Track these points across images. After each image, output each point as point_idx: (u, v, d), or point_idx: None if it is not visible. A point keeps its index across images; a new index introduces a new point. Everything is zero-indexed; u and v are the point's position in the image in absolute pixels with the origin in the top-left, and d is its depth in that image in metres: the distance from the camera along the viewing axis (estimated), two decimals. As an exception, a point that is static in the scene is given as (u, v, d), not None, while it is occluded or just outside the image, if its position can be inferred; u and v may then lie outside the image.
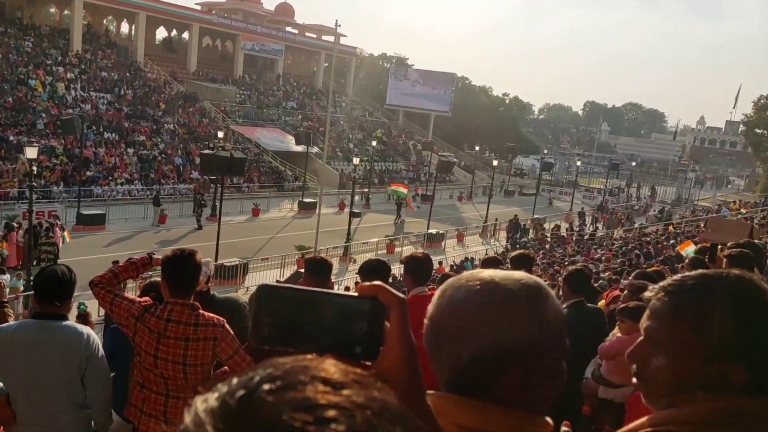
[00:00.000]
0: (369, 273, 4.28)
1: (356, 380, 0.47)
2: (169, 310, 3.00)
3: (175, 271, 3.05)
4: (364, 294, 0.68)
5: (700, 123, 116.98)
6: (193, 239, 23.20)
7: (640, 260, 17.28)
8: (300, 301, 0.66)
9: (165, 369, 3.01)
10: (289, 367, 0.46)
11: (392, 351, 0.68)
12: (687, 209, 43.31)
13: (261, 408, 0.42)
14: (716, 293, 1.00)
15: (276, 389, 0.44)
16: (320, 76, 58.41)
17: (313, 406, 0.42)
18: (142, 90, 40.04)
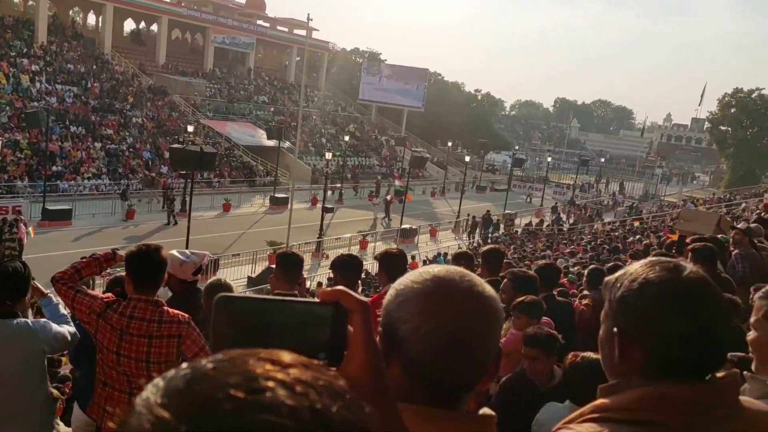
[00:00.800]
0: (341, 268, 4.28)
1: (305, 364, 0.47)
2: (132, 306, 2.95)
3: (139, 267, 3.00)
4: (326, 299, 0.67)
5: (667, 120, 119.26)
6: (162, 235, 22.86)
7: (610, 255, 17.55)
8: (260, 310, 0.65)
9: (128, 366, 2.96)
10: (240, 353, 0.47)
11: (356, 356, 0.67)
12: (654, 204, 44.16)
13: (202, 381, 0.43)
14: (642, 289, 1.07)
15: (220, 366, 0.45)
16: (292, 70, 57.97)
17: (253, 377, 0.43)
18: (110, 83, 39.24)
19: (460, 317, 0.88)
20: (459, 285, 0.90)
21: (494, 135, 68.22)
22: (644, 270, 1.10)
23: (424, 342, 0.86)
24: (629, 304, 1.08)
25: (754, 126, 57.07)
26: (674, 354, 1.04)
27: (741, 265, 5.93)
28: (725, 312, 1.09)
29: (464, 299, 0.89)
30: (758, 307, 1.56)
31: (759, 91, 57.60)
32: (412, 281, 0.92)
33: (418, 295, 0.89)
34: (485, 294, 0.92)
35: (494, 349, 0.92)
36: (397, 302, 0.91)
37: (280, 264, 4.08)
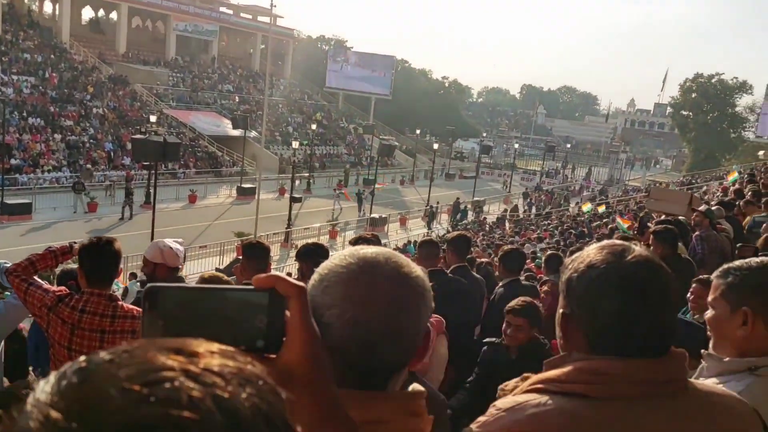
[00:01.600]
0: (306, 257, 4.24)
1: (215, 351, 0.44)
2: (84, 300, 2.86)
3: (91, 260, 2.92)
4: (261, 286, 0.65)
5: (631, 105, 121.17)
6: (125, 228, 22.42)
7: (576, 239, 17.81)
8: (193, 300, 0.64)
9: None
10: (144, 343, 0.44)
11: (294, 342, 0.66)
12: (619, 189, 44.97)
13: (95, 375, 0.40)
14: (585, 272, 1.11)
15: (117, 358, 0.42)
16: (257, 58, 57.21)
17: (151, 368, 0.40)
18: (69, 73, 38.17)
19: (385, 301, 0.85)
20: (384, 267, 0.87)
21: (462, 122, 68.45)
22: (593, 253, 1.13)
23: (349, 328, 0.84)
24: (572, 287, 1.12)
25: (715, 110, 58.43)
26: (612, 336, 1.07)
27: (701, 246, 6.05)
28: (667, 295, 1.10)
29: (390, 282, 0.86)
30: (715, 286, 1.56)
31: (719, 76, 58.95)
32: (337, 264, 0.88)
33: (343, 279, 0.86)
34: (412, 275, 0.89)
35: (422, 331, 0.89)
36: (321, 287, 0.87)
37: (247, 254, 4.06)
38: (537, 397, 1.07)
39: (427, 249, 4.40)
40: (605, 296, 1.07)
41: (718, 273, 1.57)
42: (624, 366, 1.05)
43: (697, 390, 1.10)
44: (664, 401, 1.05)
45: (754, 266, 1.50)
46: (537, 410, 1.05)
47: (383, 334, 0.84)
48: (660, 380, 1.05)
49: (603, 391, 1.04)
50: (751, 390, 1.41)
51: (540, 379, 1.12)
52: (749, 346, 1.47)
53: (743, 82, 58.54)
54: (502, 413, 1.08)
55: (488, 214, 33.69)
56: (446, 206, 33.59)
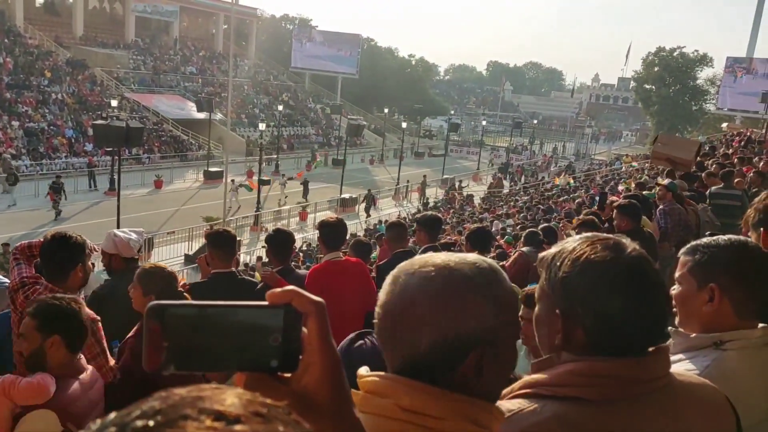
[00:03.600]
0: (275, 245, 4.22)
1: (258, 413, 0.41)
2: (38, 293, 2.81)
3: (47, 255, 2.91)
4: (276, 302, 0.61)
5: (595, 80, 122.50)
6: (89, 215, 21.95)
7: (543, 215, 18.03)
8: (201, 318, 0.58)
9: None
10: (179, 399, 0.40)
11: (314, 364, 0.61)
12: (585, 163, 45.60)
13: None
14: (584, 270, 1.07)
15: (152, 427, 0.38)
16: (220, 39, 56.09)
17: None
18: (25, 58, 36.89)
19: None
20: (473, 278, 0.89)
21: (430, 100, 68.39)
22: (585, 249, 1.09)
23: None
24: (571, 286, 1.07)
25: (677, 84, 59.41)
26: (616, 334, 1.05)
27: (664, 220, 6.16)
28: (663, 290, 1.10)
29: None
30: (683, 262, 1.57)
31: (680, 49, 59.86)
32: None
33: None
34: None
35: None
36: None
37: (212, 243, 3.99)
38: (529, 404, 1.04)
39: (396, 230, 4.39)
40: (611, 294, 1.04)
41: (685, 250, 1.59)
42: (615, 366, 1.03)
43: (680, 383, 1.10)
44: (654, 398, 1.05)
45: (722, 244, 1.52)
46: (533, 419, 1.02)
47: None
48: (649, 378, 1.05)
49: (597, 393, 1.02)
50: (717, 364, 1.44)
51: (529, 382, 1.09)
52: (715, 323, 1.49)
53: (704, 55, 59.59)
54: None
55: (473, 189, 33.74)
56: (416, 185, 33.68)
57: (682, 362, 1.47)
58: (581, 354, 1.06)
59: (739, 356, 1.46)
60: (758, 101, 37.27)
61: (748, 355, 1.47)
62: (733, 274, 1.48)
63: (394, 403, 0.83)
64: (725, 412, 1.14)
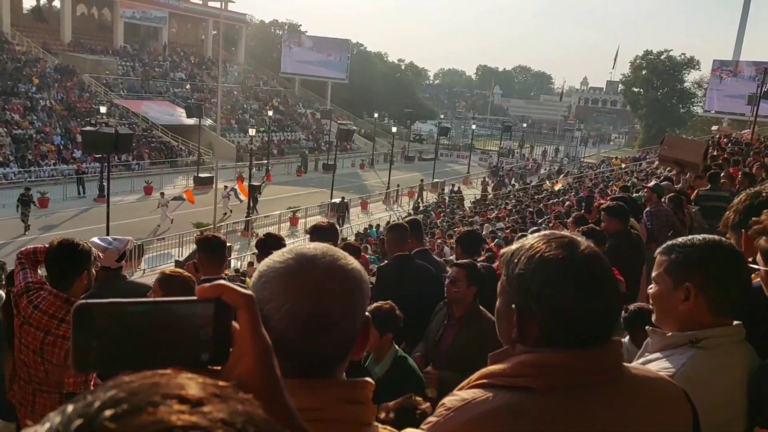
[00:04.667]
0: (265, 249, 4.23)
1: (216, 394, 0.42)
2: (42, 297, 2.85)
3: (50, 261, 2.95)
4: (206, 296, 0.61)
5: (584, 84, 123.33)
6: (79, 222, 21.82)
7: (533, 217, 18.11)
8: (129, 316, 0.58)
9: (27, 356, 2.88)
10: (137, 386, 0.41)
11: (246, 354, 0.62)
12: (574, 166, 45.83)
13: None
14: (539, 267, 1.12)
15: (121, 414, 0.38)
16: (209, 44, 56.01)
17: (168, 429, 0.37)
18: (12, 65, 36.66)
19: (320, 293, 0.89)
20: (321, 260, 0.92)
21: (419, 105, 68.59)
22: (540, 246, 1.13)
23: (287, 320, 0.88)
24: (526, 282, 1.12)
25: (664, 86, 59.94)
26: (568, 328, 1.09)
27: (650, 221, 6.22)
28: (615, 286, 1.15)
29: (327, 274, 0.91)
30: (659, 262, 1.61)
31: (668, 52, 60.43)
32: (275, 261, 0.93)
33: (281, 275, 0.91)
34: (348, 267, 0.93)
35: (360, 321, 0.93)
36: (260, 283, 0.92)
37: (202, 249, 4.00)
38: (482, 393, 1.09)
39: (398, 232, 4.41)
40: (561, 290, 1.09)
41: (661, 249, 1.62)
42: (564, 357, 1.08)
43: (632, 376, 1.14)
44: (603, 389, 1.08)
45: (697, 243, 1.55)
46: (484, 407, 1.07)
47: (319, 325, 0.89)
48: (598, 369, 1.09)
49: (545, 383, 1.07)
50: (693, 361, 1.47)
51: (485, 373, 1.13)
52: (691, 321, 1.52)
53: (691, 58, 60.19)
54: (451, 413, 1.10)
55: (466, 193, 33.77)
56: (407, 189, 33.74)
57: (658, 360, 1.50)
58: (535, 347, 1.11)
59: (714, 353, 1.49)
60: (745, 103, 37.67)
61: (723, 352, 1.50)
62: (708, 273, 1.51)
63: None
64: (680, 406, 1.17)
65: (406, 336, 4.07)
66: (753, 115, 25.11)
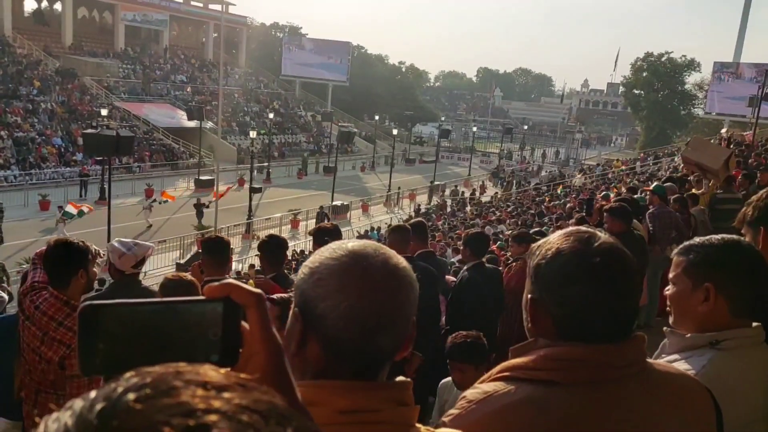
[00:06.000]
0: (269, 251, 4.21)
1: (239, 383, 0.42)
2: (43, 298, 2.86)
3: (47, 262, 2.95)
4: (214, 295, 0.60)
5: (585, 86, 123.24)
6: (81, 224, 21.78)
7: (534, 219, 18.10)
8: (137, 316, 0.57)
9: (28, 354, 2.90)
10: (159, 374, 0.41)
11: (256, 354, 0.61)
12: (575, 168, 45.82)
13: (129, 419, 0.37)
14: (553, 258, 1.14)
15: (145, 397, 0.38)
16: (210, 47, 56.07)
17: (192, 411, 0.37)
18: (13, 67, 36.70)
19: (379, 291, 0.88)
20: (375, 258, 0.90)
21: (420, 107, 68.58)
22: (559, 240, 1.15)
23: (345, 319, 0.87)
24: (541, 273, 1.14)
25: (665, 88, 59.84)
26: (578, 321, 1.10)
27: (652, 223, 6.20)
28: (631, 282, 1.13)
29: (381, 272, 0.89)
30: (677, 263, 1.58)
31: (668, 54, 60.35)
32: (328, 258, 0.91)
33: (336, 272, 0.89)
34: (400, 266, 0.92)
35: (411, 319, 0.93)
36: (313, 280, 0.90)
37: (207, 250, 3.99)
38: (504, 386, 1.09)
39: (400, 234, 4.39)
40: (573, 283, 1.09)
41: (679, 250, 1.59)
42: (587, 351, 1.07)
43: (656, 371, 1.13)
44: (626, 384, 1.08)
45: (716, 243, 1.53)
46: (506, 400, 1.07)
47: (380, 324, 0.88)
48: (621, 364, 1.08)
49: (568, 376, 1.06)
50: (714, 363, 1.45)
51: (507, 366, 1.13)
52: (710, 322, 1.50)
53: (691, 60, 60.10)
54: (474, 406, 1.10)
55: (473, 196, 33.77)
56: (407, 191, 33.74)
57: (677, 362, 1.48)
58: (556, 340, 1.11)
59: (734, 355, 1.46)
60: (746, 105, 37.61)
61: (743, 353, 1.48)
62: (728, 273, 1.49)
63: (331, 409, 0.83)
64: (704, 405, 1.16)
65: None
66: (754, 117, 25.07)
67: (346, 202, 29.11)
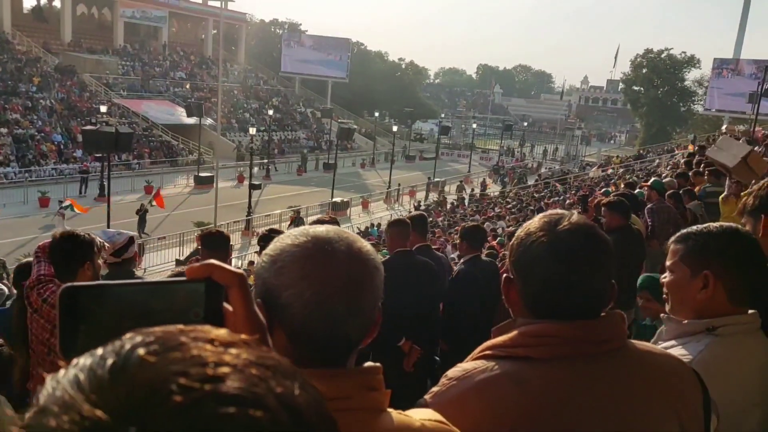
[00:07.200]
0: (266, 242, 4.19)
1: (243, 341, 0.43)
2: (50, 290, 2.88)
3: (52, 254, 2.98)
4: (196, 276, 0.60)
5: (584, 83, 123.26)
6: (81, 221, 21.78)
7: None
8: (117, 298, 0.56)
9: (36, 346, 2.93)
10: (164, 332, 0.41)
11: (240, 334, 0.60)
12: (575, 165, 45.82)
13: (142, 371, 0.37)
14: (522, 238, 1.18)
15: (156, 351, 0.38)
16: (209, 44, 56.01)
17: (204, 363, 0.37)
18: (12, 64, 36.66)
19: (344, 277, 0.86)
20: (338, 243, 0.88)
21: (420, 104, 68.54)
22: (534, 222, 1.19)
23: (310, 307, 0.84)
24: (513, 253, 1.20)
25: (665, 85, 59.85)
26: (543, 300, 1.13)
27: (651, 218, 6.22)
28: (596, 262, 1.14)
29: (346, 257, 0.87)
30: (674, 251, 1.59)
31: (668, 51, 60.34)
32: (290, 245, 0.88)
33: (298, 258, 0.86)
34: (364, 249, 0.91)
35: (377, 304, 0.91)
36: (275, 269, 0.86)
37: (205, 244, 3.98)
38: (484, 363, 1.12)
39: (400, 228, 4.39)
40: (536, 263, 1.13)
41: (676, 238, 1.60)
42: (561, 327, 1.10)
43: (637, 350, 1.15)
44: (602, 359, 1.10)
45: (714, 231, 1.53)
46: (484, 376, 1.10)
47: (346, 311, 0.85)
48: (596, 340, 1.10)
49: (544, 352, 1.09)
50: (710, 349, 1.45)
51: (488, 345, 1.16)
52: (709, 309, 1.50)
53: (691, 57, 60.09)
54: (453, 382, 1.12)
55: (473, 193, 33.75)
56: (407, 188, 33.73)
57: (674, 348, 1.48)
58: (532, 319, 1.15)
59: (731, 341, 1.47)
60: (745, 101, 37.61)
61: (739, 340, 1.48)
62: (727, 261, 1.49)
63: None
64: (689, 385, 1.16)
65: (407, 331, 4.05)
66: (754, 114, 25.07)
67: (346, 199, 29.11)
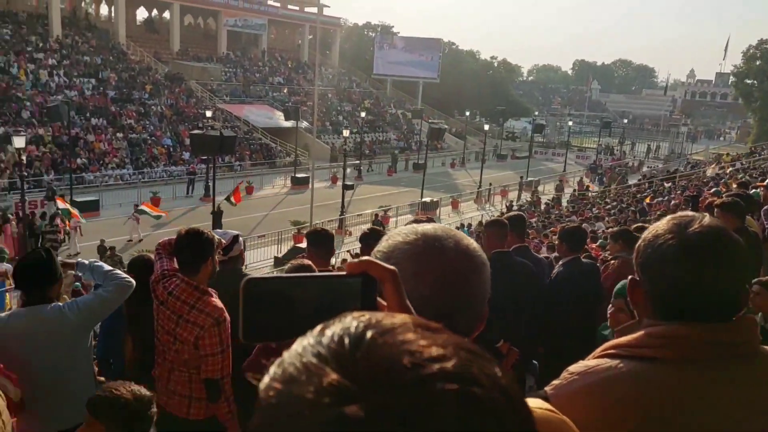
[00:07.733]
0: (373, 239, 4.32)
1: (439, 328, 0.45)
2: (175, 284, 3.07)
3: (176, 249, 3.16)
4: (353, 271, 0.64)
5: (690, 76, 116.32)
6: (187, 220, 23.10)
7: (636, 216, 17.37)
8: (288, 290, 0.63)
9: (162, 337, 3.11)
10: (371, 317, 0.44)
11: None
12: (680, 164, 43.37)
13: (377, 349, 0.40)
14: (651, 241, 1.16)
15: (380, 334, 0.42)
16: (305, 49, 57.69)
17: (423, 345, 0.41)
18: (127, 73, 39.48)
19: (455, 274, 0.87)
20: (447, 241, 0.90)
21: (513, 102, 67.31)
22: (662, 224, 1.18)
23: (420, 306, 0.84)
24: (640, 254, 1.18)
25: (781, 77, 55.46)
26: (673, 302, 1.11)
27: (766, 220, 5.86)
28: (728, 264, 1.11)
29: (455, 255, 0.89)
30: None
31: (785, 40, 55.87)
32: (401, 242, 0.90)
33: (410, 256, 0.88)
34: (471, 246, 0.92)
35: (485, 299, 0.92)
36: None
37: (312, 242, 4.13)
38: (608, 361, 1.12)
39: (497, 228, 4.40)
40: (666, 264, 1.12)
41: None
42: (689, 329, 1.08)
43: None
44: (732, 364, 1.07)
45: None
46: (609, 373, 1.10)
47: (455, 307, 0.87)
48: (726, 343, 1.08)
49: (672, 354, 1.08)
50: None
51: (611, 345, 1.16)
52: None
53: (812, 46, 55.31)
54: (575, 377, 1.13)
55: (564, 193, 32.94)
56: (499, 188, 33.26)
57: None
58: (659, 321, 1.13)
59: None
60: None
61: None
62: None
63: None
64: None
65: (504, 333, 4.06)
66: None
67: (436, 199, 29.11)
